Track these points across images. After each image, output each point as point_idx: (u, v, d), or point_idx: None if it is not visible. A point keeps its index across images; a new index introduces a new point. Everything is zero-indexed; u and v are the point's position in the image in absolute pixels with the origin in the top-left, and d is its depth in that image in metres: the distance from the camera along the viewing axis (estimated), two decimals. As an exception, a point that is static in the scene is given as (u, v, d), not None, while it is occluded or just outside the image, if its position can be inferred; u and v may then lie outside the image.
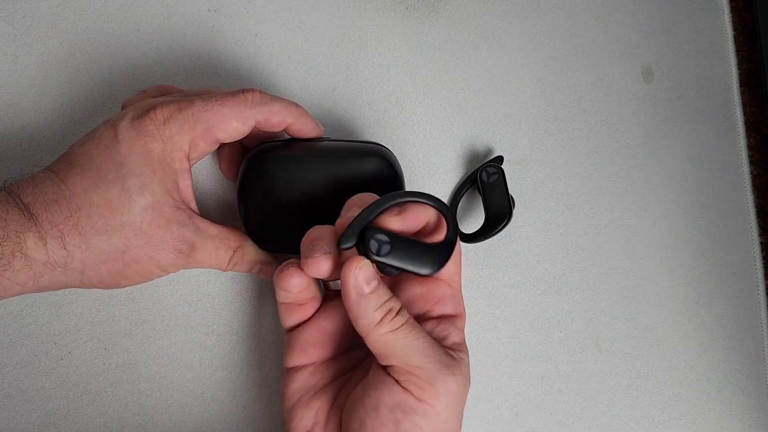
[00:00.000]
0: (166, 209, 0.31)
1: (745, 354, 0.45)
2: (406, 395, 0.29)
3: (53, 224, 0.29)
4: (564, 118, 0.45)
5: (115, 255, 0.31)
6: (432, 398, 0.29)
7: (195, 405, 0.39)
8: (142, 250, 0.31)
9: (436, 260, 0.30)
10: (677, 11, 0.48)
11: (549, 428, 0.42)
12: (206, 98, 0.33)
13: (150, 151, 0.31)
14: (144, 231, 0.31)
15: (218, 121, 0.32)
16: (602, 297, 0.44)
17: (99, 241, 0.30)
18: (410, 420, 0.28)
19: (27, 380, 0.38)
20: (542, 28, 0.46)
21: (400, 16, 0.45)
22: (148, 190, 0.31)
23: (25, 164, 0.39)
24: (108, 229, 0.30)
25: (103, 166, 0.30)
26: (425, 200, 0.32)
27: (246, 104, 0.33)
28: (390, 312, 0.29)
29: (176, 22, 0.42)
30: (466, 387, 0.31)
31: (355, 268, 0.29)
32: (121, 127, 0.31)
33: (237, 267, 0.36)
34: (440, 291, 0.32)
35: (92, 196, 0.30)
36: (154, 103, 0.32)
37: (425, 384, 0.29)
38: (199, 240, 0.33)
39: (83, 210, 0.30)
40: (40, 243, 0.29)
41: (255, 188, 0.36)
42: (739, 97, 0.48)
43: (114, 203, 0.30)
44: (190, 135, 0.32)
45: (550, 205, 0.44)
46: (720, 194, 0.47)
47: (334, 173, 0.35)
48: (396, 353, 0.29)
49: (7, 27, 0.40)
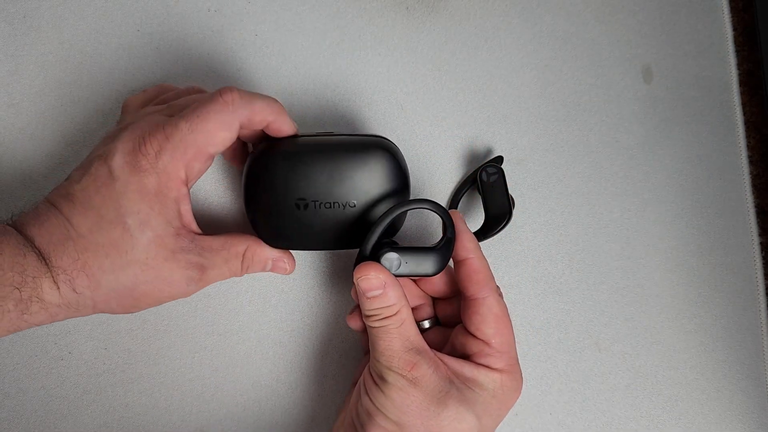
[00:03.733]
0: (169, 240, 0.32)
1: (745, 354, 0.45)
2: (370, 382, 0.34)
3: (63, 269, 0.30)
4: (564, 118, 0.45)
5: (124, 292, 0.31)
6: (383, 392, 0.32)
7: (195, 405, 0.39)
8: (151, 285, 0.32)
9: (438, 262, 0.34)
10: (677, 11, 0.48)
11: (549, 428, 0.42)
12: (189, 117, 0.32)
13: (145, 187, 0.31)
14: (150, 266, 0.31)
15: (206, 138, 0.32)
16: (602, 297, 0.44)
17: (107, 281, 0.31)
18: (367, 397, 0.33)
19: (27, 380, 0.38)
20: (542, 28, 0.46)
21: (400, 17, 0.45)
22: (148, 226, 0.31)
23: (25, 164, 0.39)
24: (115, 269, 0.31)
25: (103, 205, 0.31)
26: (423, 206, 0.34)
27: (227, 108, 0.32)
28: (382, 313, 0.33)
29: (176, 22, 0.42)
30: (424, 403, 0.32)
31: (357, 279, 0.33)
32: (115, 166, 0.31)
33: (251, 269, 0.36)
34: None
35: (97, 236, 0.30)
36: (141, 134, 0.32)
37: (379, 382, 0.33)
38: (207, 260, 0.33)
39: (90, 251, 0.30)
40: (54, 287, 0.30)
41: (261, 185, 0.36)
42: (738, 97, 0.48)
43: (118, 243, 0.31)
44: (184, 161, 0.32)
45: (550, 205, 0.44)
46: (720, 194, 0.47)
47: (339, 167, 0.35)
48: (372, 346, 0.34)
49: (7, 27, 0.40)
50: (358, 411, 0.34)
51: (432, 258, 0.34)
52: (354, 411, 0.34)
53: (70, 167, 0.40)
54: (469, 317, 0.34)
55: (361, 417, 0.33)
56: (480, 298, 0.34)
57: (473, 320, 0.34)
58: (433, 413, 0.31)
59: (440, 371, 0.32)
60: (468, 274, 0.34)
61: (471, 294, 0.34)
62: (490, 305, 0.34)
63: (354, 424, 0.34)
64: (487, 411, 0.32)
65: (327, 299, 0.41)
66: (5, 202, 0.39)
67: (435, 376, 0.32)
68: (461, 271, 0.35)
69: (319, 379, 0.40)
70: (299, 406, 0.40)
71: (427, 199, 0.34)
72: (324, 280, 0.41)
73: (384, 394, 0.32)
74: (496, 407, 0.33)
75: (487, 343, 0.33)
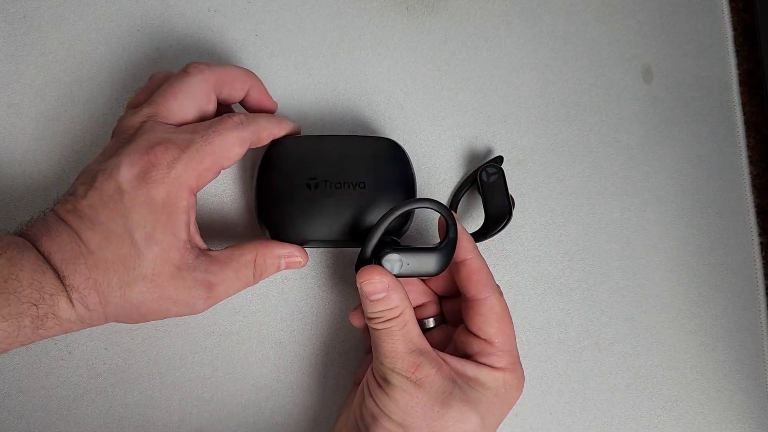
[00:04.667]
0: (174, 255, 0.31)
1: (745, 354, 0.45)
2: (373, 383, 0.34)
3: (76, 287, 0.30)
4: (564, 118, 0.45)
5: (131, 309, 0.31)
6: (386, 394, 0.32)
7: (195, 405, 0.39)
8: (156, 303, 0.32)
9: (441, 261, 0.34)
10: (677, 11, 0.48)
11: (549, 428, 0.42)
12: (202, 132, 0.33)
13: (153, 199, 0.31)
14: (156, 283, 0.31)
15: (223, 151, 0.33)
16: (602, 297, 0.44)
17: (115, 298, 0.31)
18: (371, 399, 0.33)
19: (27, 380, 0.38)
20: (542, 28, 0.46)
21: (400, 17, 0.45)
22: (154, 239, 0.31)
23: (25, 164, 0.39)
24: (122, 285, 0.31)
25: (110, 220, 0.31)
26: (424, 205, 0.34)
27: (239, 128, 0.34)
28: (385, 315, 0.33)
29: (176, 23, 0.42)
30: (428, 404, 0.32)
31: (360, 283, 0.33)
32: (122, 179, 0.31)
33: (264, 275, 0.36)
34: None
35: (106, 252, 0.30)
36: (151, 146, 0.32)
37: (383, 384, 0.33)
38: (214, 276, 0.33)
39: (99, 268, 0.30)
40: (69, 305, 0.30)
41: (274, 169, 0.36)
42: (738, 97, 0.48)
43: (126, 258, 0.30)
44: (198, 170, 0.32)
45: (550, 205, 0.44)
46: (720, 194, 0.47)
47: (350, 149, 0.37)
48: (375, 348, 0.34)
49: (7, 27, 0.40)
50: (362, 413, 0.34)
51: (434, 258, 0.34)
52: (358, 413, 0.34)
53: (70, 167, 0.40)
54: (471, 318, 0.34)
55: (365, 419, 0.33)
56: (481, 299, 0.34)
57: (475, 321, 0.34)
58: (438, 414, 0.31)
59: (443, 372, 0.32)
60: (468, 275, 0.34)
61: (472, 295, 0.34)
62: (491, 305, 0.34)
63: (358, 425, 0.34)
64: (491, 410, 0.32)
65: (327, 299, 0.41)
66: (5, 201, 0.39)
67: (438, 376, 0.32)
68: (461, 272, 0.35)
69: (319, 379, 0.40)
70: (300, 406, 0.40)
71: (428, 199, 0.34)
72: (324, 281, 0.41)
73: (388, 396, 0.32)
74: (499, 406, 0.33)
75: (489, 342, 0.33)
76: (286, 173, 0.36)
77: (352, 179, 0.36)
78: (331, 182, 0.36)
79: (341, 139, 0.38)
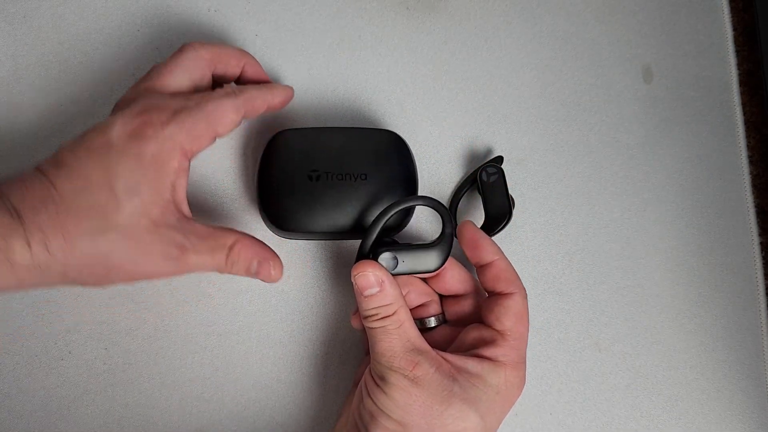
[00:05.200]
0: (154, 211, 0.31)
1: (745, 354, 0.45)
2: (371, 382, 0.34)
3: (38, 226, 0.29)
4: (564, 118, 0.45)
5: (98, 259, 0.30)
6: (384, 392, 0.32)
7: (195, 405, 0.39)
8: (125, 255, 0.30)
9: (438, 257, 0.35)
10: (677, 11, 0.48)
11: (549, 428, 0.42)
12: (196, 99, 0.33)
13: (143, 153, 0.30)
14: (130, 235, 0.30)
15: (216, 116, 0.33)
16: (602, 297, 0.44)
17: (83, 244, 0.29)
18: (370, 398, 0.33)
19: (27, 380, 0.38)
20: (542, 28, 0.46)
21: (400, 16, 0.45)
22: (136, 192, 0.30)
23: (25, 164, 0.39)
24: (93, 232, 0.29)
25: (91, 170, 0.30)
26: (420, 203, 0.34)
27: (231, 96, 0.34)
28: (380, 312, 0.33)
29: (176, 23, 0.42)
30: (427, 402, 0.32)
31: (354, 276, 0.33)
32: (113, 135, 0.31)
33: (235, 267, 0.34)
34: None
35: (80, 200, 0.30)
36: (147, 108, 0.31)
37: (380, 382, 0.33)
38: (190, 243, 0.31)
39: (71, 213, 0.29)
40: (25, 247, 0.28)
41: (276, 160, 0.37)
42: (738, 97, 0.48)
43: (102, 206, 0.30)
44: (192, 133, 0.32)
45: (550, 205, 0.44)
46: (720, 194, 0.47)
47: (352, 141, 0.37)
48: (372, 347, 0.34)
49: (7, 27, 0.40)
50: (360, 413, 0.34)
51: (432, 254, 0.34)
52: (356, 413, 0.34)
53: (70, 167, 0.40)
54: (491, 308, 0.35)
55: (364, 418, 0.33)
56: (507, 293, 0.35)
57: (495, 311, 0.34)
58: (437, 412, 0.31)
59: (443, 369, 0.32)
60: (496, 274, 0.35)
61: (500, 290, 0.35)
62: (515, 301, 0.34)
63: (357, 425, 0.34)
64: (491, 409, 0.32)
65: (327, 299, 0.41)
66: (5, 202, 0.39)
67: (437, 374, 0.32)
68: (489, 272, 0.35)
69: (319, 379, 0.40)
70: (300, 407, 0.40)
71: (424, 196, 0.35)
72: (324, 280, 0.41)
73: (386, 395, 0.32)
74: (500, 404, 0.33)
75: (502, 334, 0.34)
76: (288, 165, 0.37)
77: (353, 171, 0.36)
78: (332, 174, 0.36)
79: (343, 131, 0.38)
